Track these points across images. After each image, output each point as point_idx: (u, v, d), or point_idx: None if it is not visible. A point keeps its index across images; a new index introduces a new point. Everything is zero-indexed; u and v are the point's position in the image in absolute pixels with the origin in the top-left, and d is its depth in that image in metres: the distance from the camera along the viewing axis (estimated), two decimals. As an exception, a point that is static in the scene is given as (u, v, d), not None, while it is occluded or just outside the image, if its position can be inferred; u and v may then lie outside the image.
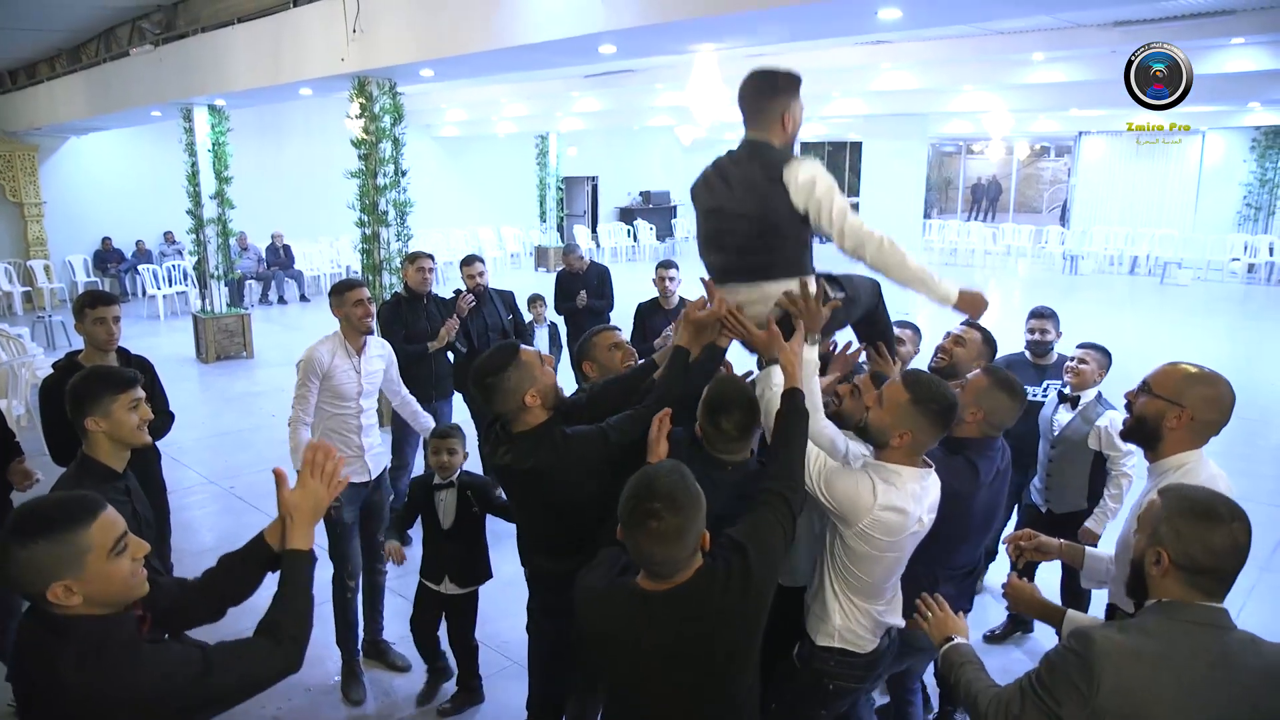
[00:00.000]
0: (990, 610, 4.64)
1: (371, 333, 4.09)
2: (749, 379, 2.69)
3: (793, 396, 2.35)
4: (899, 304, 3.04)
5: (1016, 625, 4.40)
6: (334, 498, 1.95)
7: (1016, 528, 4.27)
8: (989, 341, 3.74)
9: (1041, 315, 4.49)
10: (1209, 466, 2.26)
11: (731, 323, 2.56)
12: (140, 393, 2.59)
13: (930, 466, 2.47)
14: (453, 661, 4.02)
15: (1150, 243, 18.12)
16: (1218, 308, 14.77)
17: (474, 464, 3.90)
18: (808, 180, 2.47)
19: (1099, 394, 4.00)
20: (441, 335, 5.39)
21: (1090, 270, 18.59)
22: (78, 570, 1.62)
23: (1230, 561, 1.70)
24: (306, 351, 4.00)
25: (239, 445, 7.75)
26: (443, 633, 3.97)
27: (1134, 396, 2.37)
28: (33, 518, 1.64)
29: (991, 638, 4.40)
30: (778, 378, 2.45)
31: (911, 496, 2.37)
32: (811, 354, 2.51)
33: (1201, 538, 1.69)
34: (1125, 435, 2.43)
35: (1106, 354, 4.08)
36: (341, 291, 4.04)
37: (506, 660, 4.19)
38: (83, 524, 1.64)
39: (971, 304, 2.69)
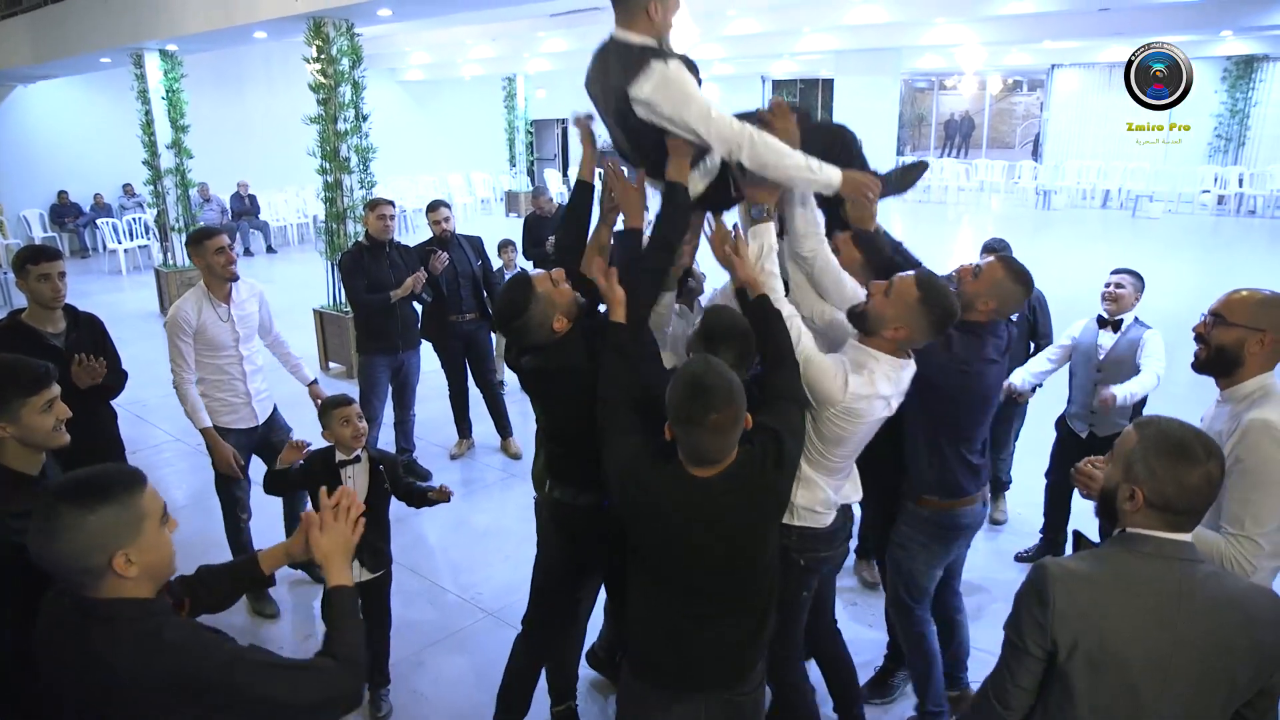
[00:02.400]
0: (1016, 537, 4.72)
1: (236, 279, 4.04)
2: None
3: (759, 306, 2.41)
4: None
5: (1049, 548, 4.48)
6: (357, 531, 1.99)
7: (1053, 455, 4.41)
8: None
9: (993, 249, 4.51)
10: None
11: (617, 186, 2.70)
12: (55, 390, 2.32)
13: (910, 358, 2.52)
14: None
15: (1122, 176, 18.12)
16: (1189, 240, 14.85)
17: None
18: (653, 99, 2.40)
19: (1136, 317, 4.15)
20: (406, 285, 5.25)
21: (1063, 205, 18.60)
22: (135, 537, 1.59)
23: (1203, 499, 1.70)
24: (170, 311, 3.98)
25: (207, 401, 7.61)
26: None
27: (1205, 328, 2.38)
28: (89, 484, 1.59)
29: (1024, 557, 4.52)
30: (769, 238, 2.57)
31: (885, 380, 2.45)
32: (767, 234, 2.56)
33: (1177, 478, 1.67)
34: (1201, 368, 2.42)
35: (1140, 279, 4.19)
36: (200, 240, 3.98)
37: (481, 612, 4.19)
38: (139, 488, 1.63)
39: (856, 187, 2.58)
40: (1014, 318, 2.98)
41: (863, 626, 3.94)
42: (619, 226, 2.84)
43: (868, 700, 3.47)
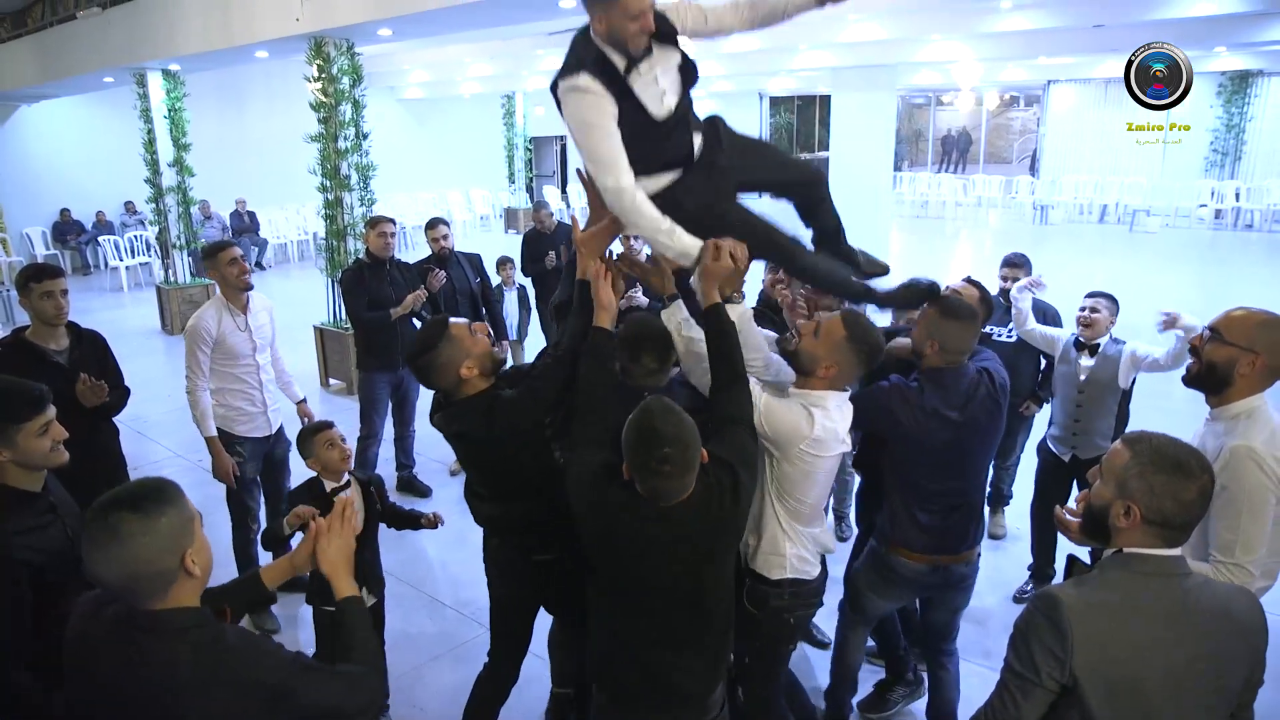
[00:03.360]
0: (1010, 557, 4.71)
1: (251, 289, 4.15)
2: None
3: (714, 315, 2.40)
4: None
5: (1041, 580, 4.39)
6: (354, 537, 2.02)
7: (1037, 481, 4.38)
8: (985, 300, 3.50)
9: (1012, 264, 4.68)
10: (1272, 411, 2.29)
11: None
12: (51, 412, 2.32)
13: (846, 391, 2.61)
14: None
15: (1119, 191, 18.21)
16: (1186, 254, 14.89)
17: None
18: (566, 110, 2.34)
19: (1111, 336, 4.13)
20: (407, 303, 5.29)
21: (1060, 219, 18.67)
22: (192, 538, 1.64)
23: (1198, 514, 1.70)
24: (192, 320, 4.08)
25: (207, 418, 7.64)
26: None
27: (1200, 343, 2.38)
28: (144, 494, 1.62)
29: (1021, 598, 4.34)
30: (682, 313, 2.55)
31: (839, 412, 2.54)
32: (676, 312, 2.57)
33: (1175, 493, 1.67)
34: (1190, 382, 2.43)
35: (1115, 301, 4.18)
36: (214, 254, 4.10)
37: (480, 626, 4.19)
38: (182, 492, 1.67)
39: (719, 275, 2.39)
40: (995, 370, 2.88)
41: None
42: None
43: (865, 715, 3.48)
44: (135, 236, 14.54)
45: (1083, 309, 4.15)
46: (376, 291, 5.34)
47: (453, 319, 2.67)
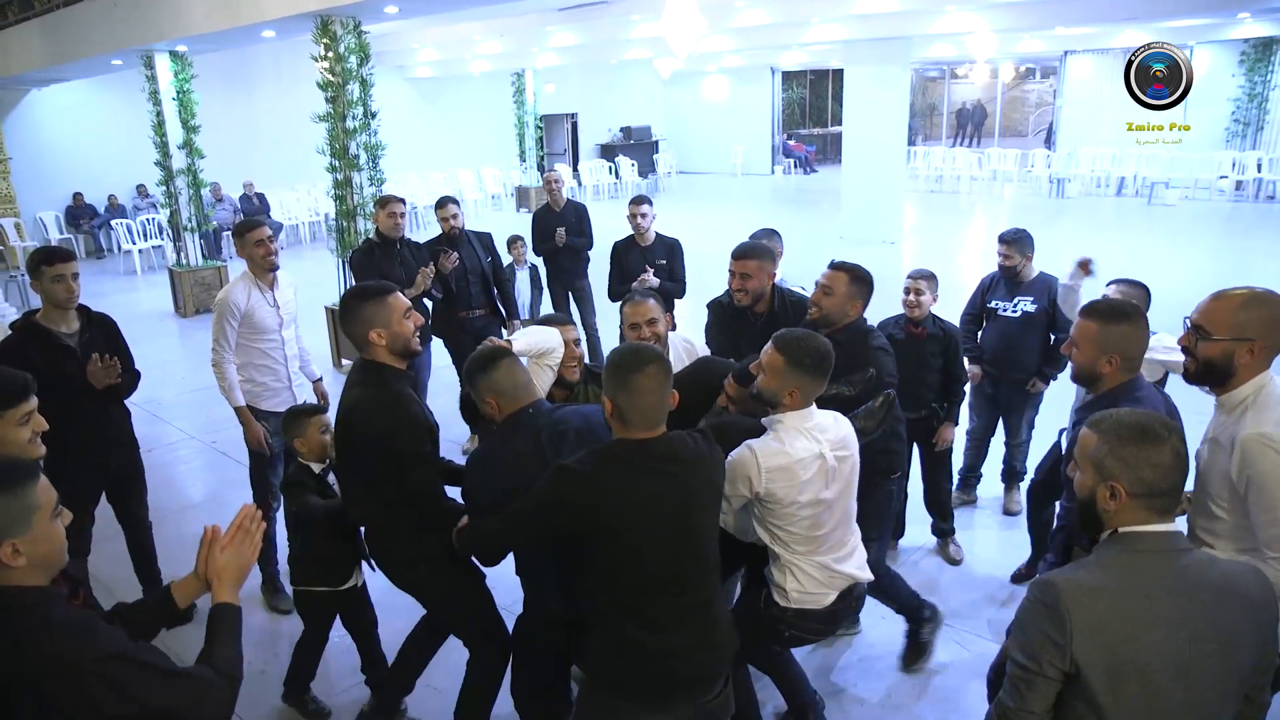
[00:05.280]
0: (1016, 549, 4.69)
1: (277, 268, 4.22)
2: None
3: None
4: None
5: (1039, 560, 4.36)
6: (256, 551, 1.97)
7: (1043, 468, 4.20)
8: (861, 279, 3.36)
9: (1006, 240, 4.62)
10: (1278, 386, 2.21)
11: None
12: (33, 402, 2.28)
13: (810, 405, 2.58)
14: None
15: (1137, 163, 17.93)
16: (1205, 227, 14.69)
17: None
18: None
19: None
20: (417, 283, 5.27)
21: (1077, 193, 18.43)
22: (25, 528, 1.60)
23: (1177, 476, 1.69)
24: (221, 294, 4.15)
25: (220, 400, 7.56)
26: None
27: (1190, 341, 2.28)
28: None
29: (1019, 577, 4.28)
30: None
31: (794, 433, 2.53)
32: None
33: (1149, 460, 1.66)
34: (1191, 379, 2.33)
35: (1144, 289, 3.83)
36: (243, 233, 4.17)
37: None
38: (31, 480, 1.63)
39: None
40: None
41: (874, 619, 3.92)
42: None
43: (912, 669, 3.54)
44: (147, 220, 14.55)
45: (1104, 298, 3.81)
46: (387, 271, 5.31)
47: (401, 293, 2.80)
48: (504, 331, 6.09)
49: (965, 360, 4.47)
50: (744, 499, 2.56)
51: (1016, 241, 4.58)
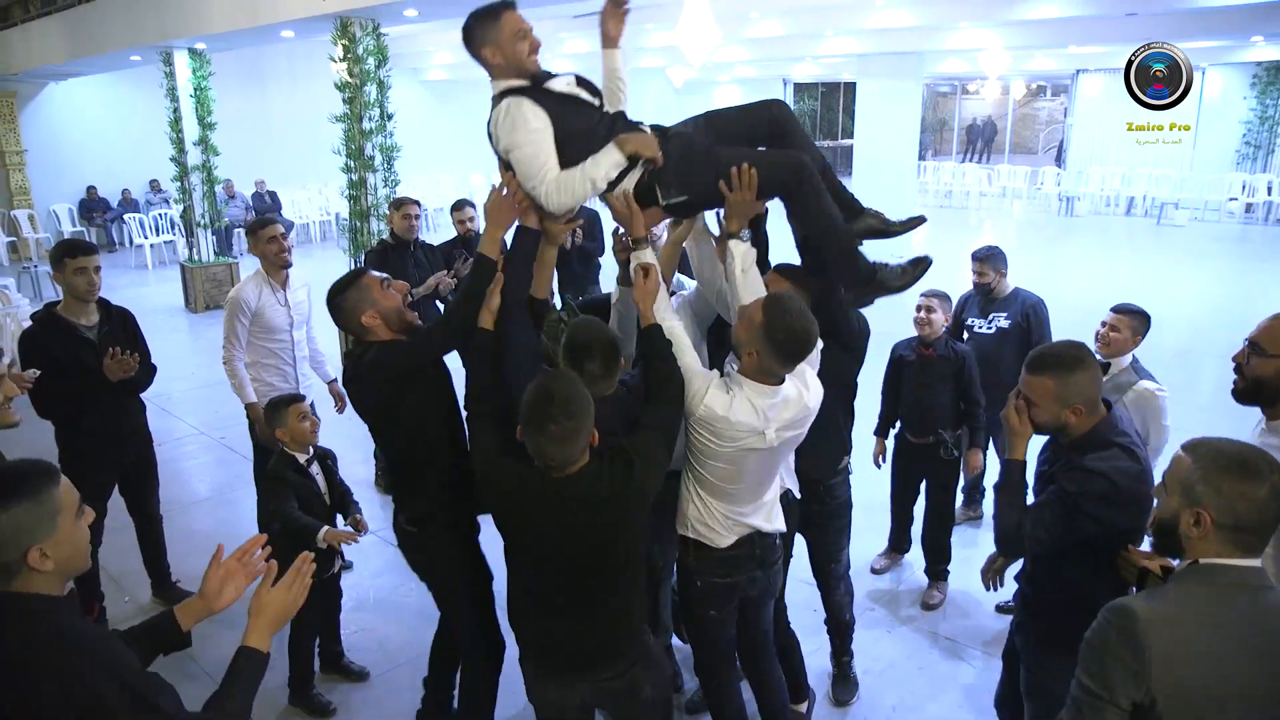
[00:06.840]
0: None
1: (290, 266, 4.23)
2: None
3: (648, 337, 2.47)
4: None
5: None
6: (303, 599, 1.90)
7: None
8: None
9: (978, 258, 4.64)
10: None
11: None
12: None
13: (778, 386, 2.45)
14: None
15: (1147, 183, 17.94)
16: (1215, 248, 14.67)
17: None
18: (495, 134, 2.65)
19: (1134, 360, 3.65)
20: (429, 284, 5.30)
21: (1086, 211, 18.45)
22: (50, 531, 1.58)
23: (1272, 516, 1.61)
24: (233, 291, 4.19)
25: (229, 395, 7.59)
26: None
27: (1243, 358, 2.24)
28: (2, 480, 1.58)
29: (1005, 608, 4.05)
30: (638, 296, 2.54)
31: (745, 406, 2.41)
32: (739, 248, 2.58)
33: (1246, 494, 1.58)
34: (1240, 398, 2.28)
35: (1143, 317, 3.68)
36: (255, 230, 4.21)
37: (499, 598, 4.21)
38: (53, 483, 1.61)
39: (639, 145, 2.53)
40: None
41: (881, 631, 3.94)
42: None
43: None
44: (160, 214, 14.65)
45: (1103, 324, 3.67)
46: (400, 273, 5.31)
47: (373, 272, 2.82)
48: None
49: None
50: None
51: (990, 259, 4.59)
